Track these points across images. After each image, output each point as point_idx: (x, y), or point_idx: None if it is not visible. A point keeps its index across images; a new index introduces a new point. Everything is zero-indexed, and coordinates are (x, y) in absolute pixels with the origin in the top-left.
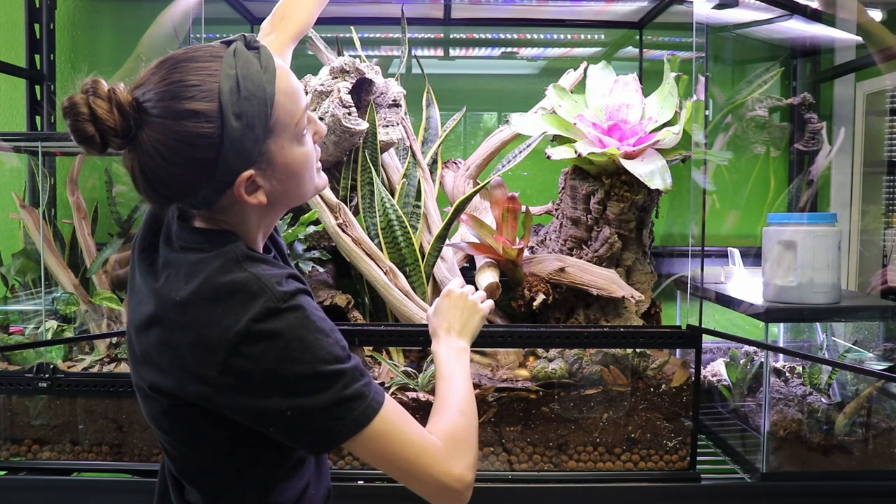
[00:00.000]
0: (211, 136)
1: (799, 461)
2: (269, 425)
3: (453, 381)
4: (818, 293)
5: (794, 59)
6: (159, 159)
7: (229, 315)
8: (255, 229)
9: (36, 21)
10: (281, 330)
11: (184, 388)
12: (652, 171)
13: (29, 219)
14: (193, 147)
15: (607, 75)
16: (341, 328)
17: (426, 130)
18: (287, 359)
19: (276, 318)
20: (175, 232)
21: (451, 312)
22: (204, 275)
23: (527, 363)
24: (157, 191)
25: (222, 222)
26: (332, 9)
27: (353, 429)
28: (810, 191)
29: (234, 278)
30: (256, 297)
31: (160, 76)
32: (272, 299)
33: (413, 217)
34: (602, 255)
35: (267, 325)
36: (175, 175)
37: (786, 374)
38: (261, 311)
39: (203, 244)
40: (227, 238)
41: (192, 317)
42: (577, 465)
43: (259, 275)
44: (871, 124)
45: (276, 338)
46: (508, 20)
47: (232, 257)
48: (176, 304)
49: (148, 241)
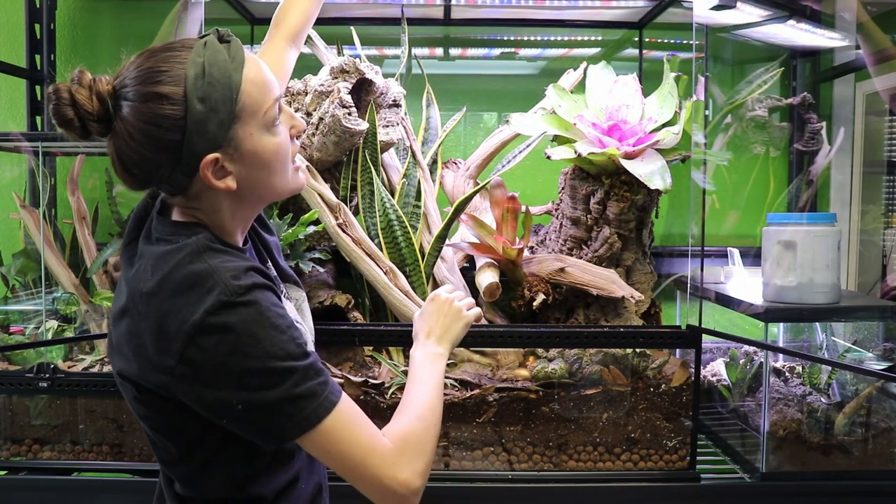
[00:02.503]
0: (175, 118)
1: (799, 461)
2: (221, 417)
3: (420, 386)
4: (818, 293)
5: (793, 59)
6: (130, 141)
7: (188, 307)
8: (230, 220)
9: (36, 21)
10: (233, 324)
11: (145, 376)
12: (652, 172)
13: (29, 219)
14: (159, 128)
15: (607, 75)
16: (341, 328)
17: (426, 130)
18: (238, 353)
19: (228, 311)
20: (154, 225)
21: (434, 317)
22: (168, 266)
23: (527, 363)
24: (130, 172)
25: (197, 212)
26: (332, 9)
27: (303, 426)
28: (810, 191)
29: (193, 270)
30: (212, 290)
31: (136, 64)
32: (225, 292)
33: (413, 217)
34: (602, 255)
35: (220, 318)
36: (144, 156)
37: (785, 374)
38: (214, 303)
39: (171, 235)
40: (193, 230)
41: (155, 307)
42: (577, 464)
43: (216, 267)
44: (871, 124)
45: (228, 331)
46: (508, 20)
47: (194, 248)
48: (143, 295)
49: (133, 235)
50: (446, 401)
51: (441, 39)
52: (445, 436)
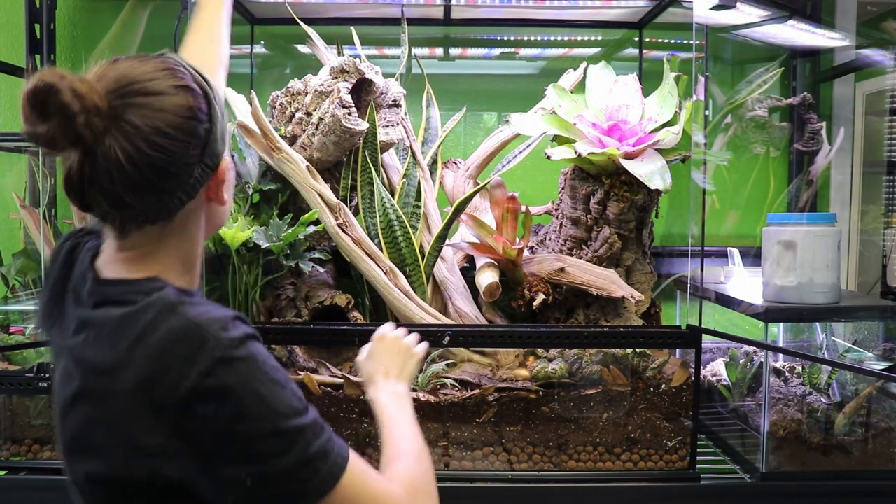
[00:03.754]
0: (205, 110)
1: (798, 461)
2: (227, 496)
3: (402, 428)
4: (818, 293)
5: (793, 59)
6: (156, 136)
7: (173, 371)
8: (196, 257)
9: (36, 21)
10: (232, 384)
11: (127, 468)
12: (652, 172)
13: (29, 219)
14: (193, 119)
15: (607, 75)
16: (341, 328)
17: (426, 130)
18: (242, 417)
19: (225, 370)
20: (88, 288)
21: (386, 357)
22: (136, 329)
23: (527, 363)
24: (156, 172)
25: (160, 253)
26: (332, 9)
27: (322, 489)
28: (810, 191)
29: (173, 327)
30: (202, 347)
31: (138, 64)
32: (219, 348)
33: (413, 217)
34: (602, 255)
35: (216, 379)
36: (173, 152)
37: (785, 374)
38: (208, 362)
39: (125, 295)
40: (151, 285)
41: (127, 381)
42: (577, 464)
43: (200, 321)
44: (871, 124)
45: (228, 393)
46: (508, 20)
47: (164, 305)
48: (104, 371)
49: (59, 288)
50: (446, 401)
51: (441, 39)
52: (445, 436)
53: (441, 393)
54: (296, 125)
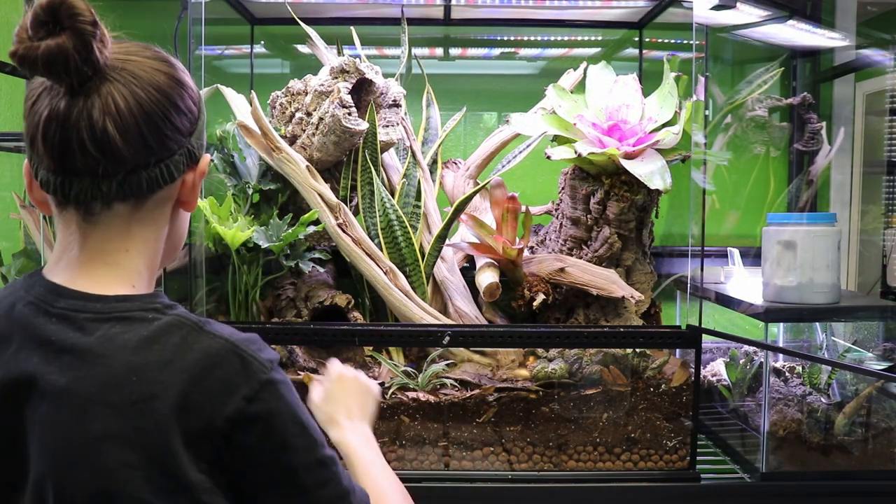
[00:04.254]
0: (195, 94)
1: (799, 461)
2: None
3: (379, 470)
4: (818, 293)
5: (793, 59)
6: (155, 91)
7: (213, 397)
8: (156, 268)
9: None
10: (278, 410)
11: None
12: (652, 172)
13: (29, 219)
14: (184, 93)
15: (607, 75)
16: (341, 328)
17: (426, 130)
18: (287, 445)
19: (271, 393)
20: (68, 303)
21: (348, 397)
22: (163, 357)
23: (527, 363)
24: (150, 125)
25: (127, 257)
26: (332, 9)
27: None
28: (810, 191)
29: (208, 349)
30: (244, 370)
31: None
32: (263, 370)
33: (413, 217)
34: (602, 255)
35: (262, 404)
36: (168, 111)
37: (785, 374)
38: (254, 386)
39: (131, 313)
40: (155, 300)
41: (161, 414)
42: (577, 465)
43: (235, 340)
44: (871, 124)
45: (273, 419)
46: (508, 20)
47: (188, 324)
48: (134, 403)
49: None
50: (446, 401)
51: (441, 39)
52: (445, 436)
53: (441, 393)
54: (296, 125)
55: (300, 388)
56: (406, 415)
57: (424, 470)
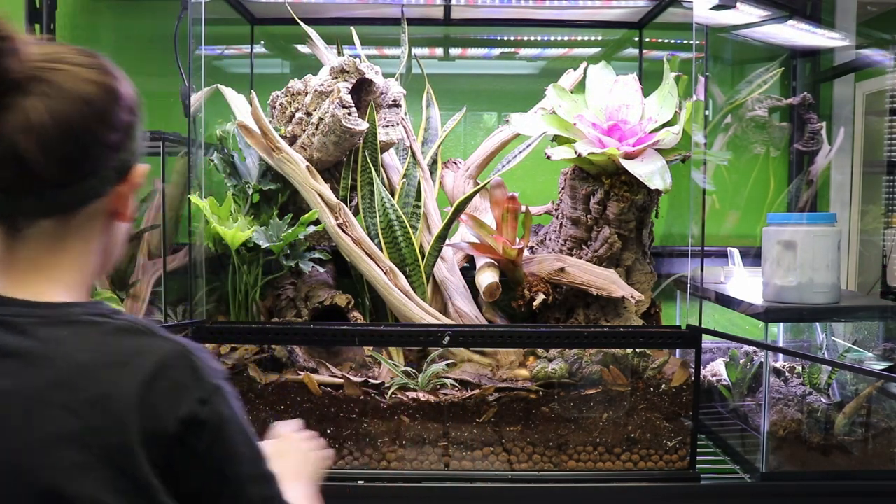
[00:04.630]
0: (132, 97)
1: (799, 461)
2: None
3: None
4: (818, 293)
5: (793, 59)
6: (81, 103)
7: (166, 399)
8: (91, 282)
9: (36, 21)
10: (227, 417)
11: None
12: (652, 172)
13: None
14: (115, 102)
15: (607, 75)
16: (341, 328)
17: (426, 130)
18: (234, 455)
19: (221, 398)
20: (10, 311)
21: (298, 458)
22: (117, 357)
23: (527, 363)
24: (75, 140)
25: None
26: (332, 9)
27: None
28: (810, 191)
29: (162, 351)
30: (197, 373)
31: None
32: (214, 374)
33: (413, 217)
34: (602, 255)
35: (213, 408)
36: (95, 125)
37: (785, 374)
38: (208, 389)
39: (79, 317)
40: (101, 307)
41: (117, 414)
42: (577, 465)
43: (188, 345)
44: (871, 124)
45: (223, 426)
46: (508, 20)
47: (139, 327)
48: (91, 405)
49: None
50: (446, 401)
51: (441, 39)
52: (445, 436)
53: (441, 393)
54: (296, 125)
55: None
56: (406, 415)
57: (424, 470)
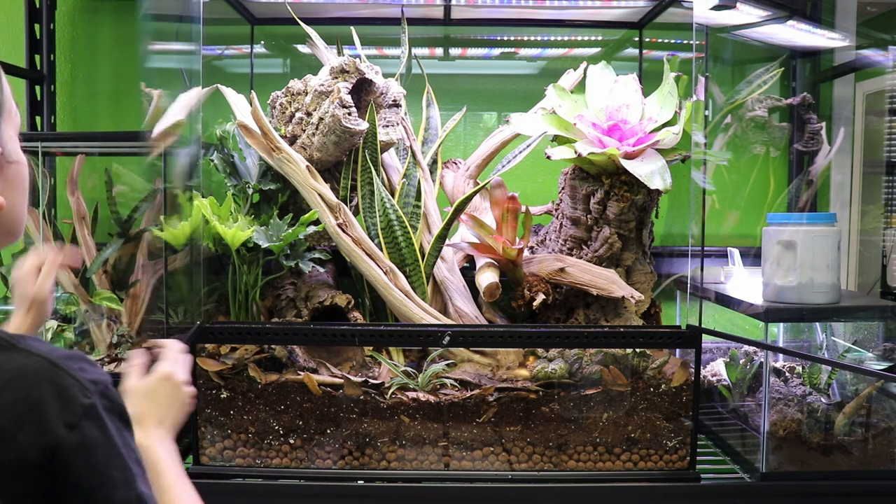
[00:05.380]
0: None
1: (799, 461)
2: None
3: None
4: (818, 293)
5: (793, 59)
6: None
7: (25, 425)
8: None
9: (36, 21)
10: (101, 440)
11: None
12: (652, 172)
13: (29, 219)
14: None
15: (607, 75)
16: (341, 328)
17: (426, 130)
18: (108, 479)
19: (93, 419)
20: None
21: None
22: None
23: (527, 363)
24: None
25: None
26: (332, 9)
27: None
28: (810, 191)
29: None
30: (64, 392)
31: None
32: (85, 393)
33: (413, 217)
34: (602, 255)
35: (83, 432)
36: None
37: (785, 374)
38: (75, 412)
39: None
40: None
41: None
42: (576, 465)
43: (54, 358)
44: (871, 124)
45: (96, 449)
46: (508, 20)
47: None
48: None
49: None
50: (446, 401)
51: (441, 39)
52: (445, 436)
53: (441, 393)
54: (296, 125)
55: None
56: (406, 415)
57: (424, 470)
